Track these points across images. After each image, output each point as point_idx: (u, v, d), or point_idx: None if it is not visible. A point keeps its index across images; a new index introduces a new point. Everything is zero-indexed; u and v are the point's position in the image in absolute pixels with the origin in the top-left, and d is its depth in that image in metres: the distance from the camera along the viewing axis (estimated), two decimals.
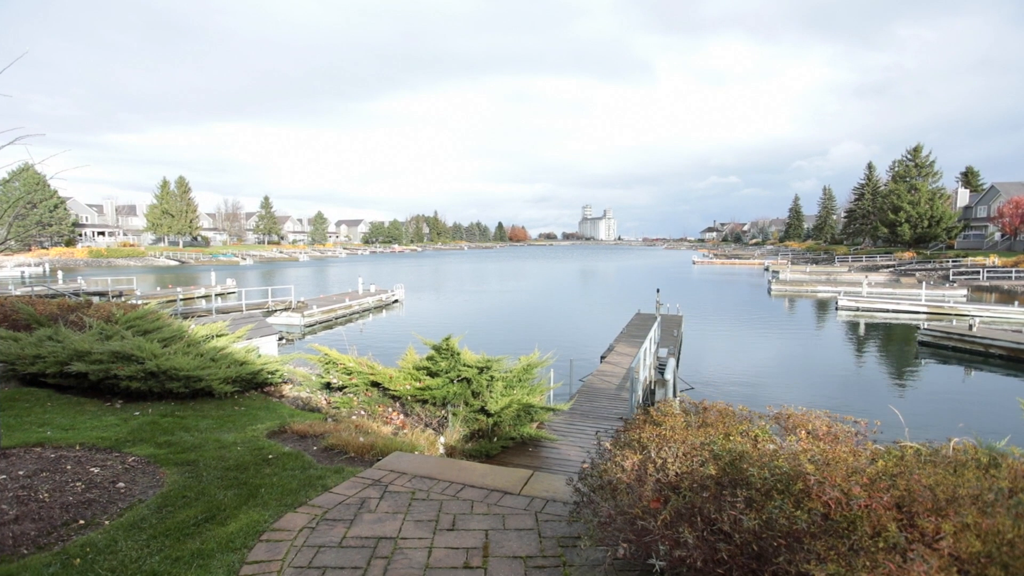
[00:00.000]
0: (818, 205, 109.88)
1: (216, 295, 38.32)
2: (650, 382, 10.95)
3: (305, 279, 55.95)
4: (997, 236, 64.31)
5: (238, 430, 5.54)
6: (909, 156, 70.23)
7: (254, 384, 7.53)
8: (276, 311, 26.48)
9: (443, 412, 6.49)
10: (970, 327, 20.41)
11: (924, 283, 37.02)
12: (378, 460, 4.59)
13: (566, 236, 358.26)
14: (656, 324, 15.37)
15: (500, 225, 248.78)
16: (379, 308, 32.83)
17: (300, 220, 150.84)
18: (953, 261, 53.87)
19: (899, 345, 23.14)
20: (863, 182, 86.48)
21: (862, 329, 26.65)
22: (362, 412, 7.03)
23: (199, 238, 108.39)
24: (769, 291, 43.06)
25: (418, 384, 6.46)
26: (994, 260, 49.90)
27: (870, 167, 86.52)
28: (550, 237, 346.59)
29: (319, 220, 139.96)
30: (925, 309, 29.66)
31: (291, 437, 5.39)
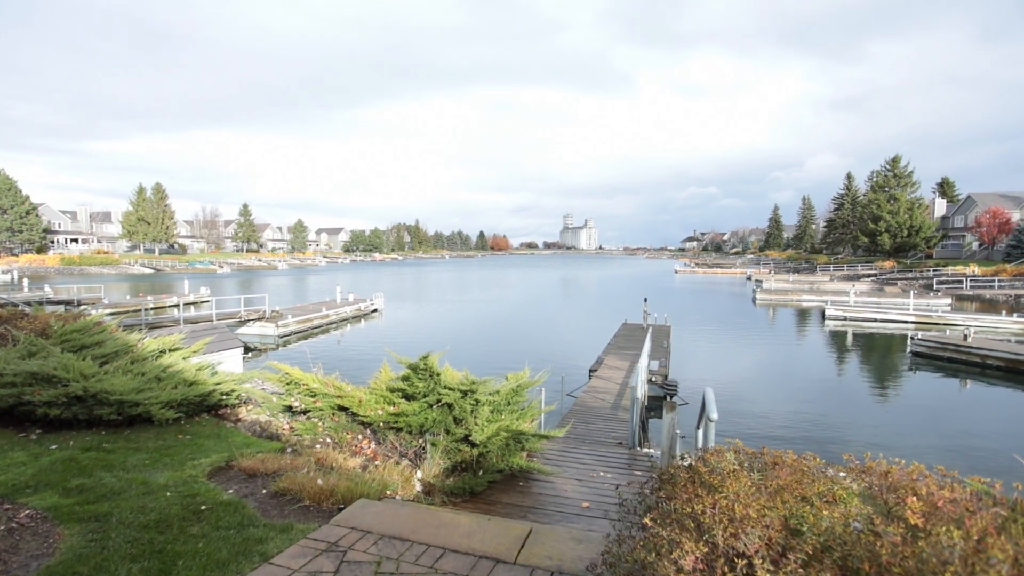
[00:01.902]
0: (797, 215, 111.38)
1: (188, 304, 36.85)
2: (645, 401, 10.22)
3: (283, 288, 54.43)
4: (975, 245, 65.53)
5: (175, 467, 4.63)
6: (888, 166, 71.41)
7: (206, 407, 6.59)
8: (249, 321, 25.25)
9: (420, 441, 5.63)
10: (965, 337, 20.13)
11: (912, 292, 37.14)
12: (339, 510, 3.73)
13: (547, 245, 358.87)
14: (648, 336, 14.68)
15: (481, 234, 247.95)
16: (357, 318, 31.71)
17: (280, 228, 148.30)
18: (934, 270, 54.54)
19: (891, 356, 22.83)
20: (843, 192, 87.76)
21: (853, 339, 26.37)
22: (328, 440, 6.13)
23: (176, 246, 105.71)
24: (754, 300, 42.90)
25: (391, 409, 5.59)
26: (974, 269, 50.62)
27: (849, 177, 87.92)
28: (531, 246, 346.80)
29: (299, 228, 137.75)
30: (913, 319, 29.57)
31: (237, 476, 4.49)
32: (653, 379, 13.51)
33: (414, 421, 5.34)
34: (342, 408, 5.86)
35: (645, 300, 24.25)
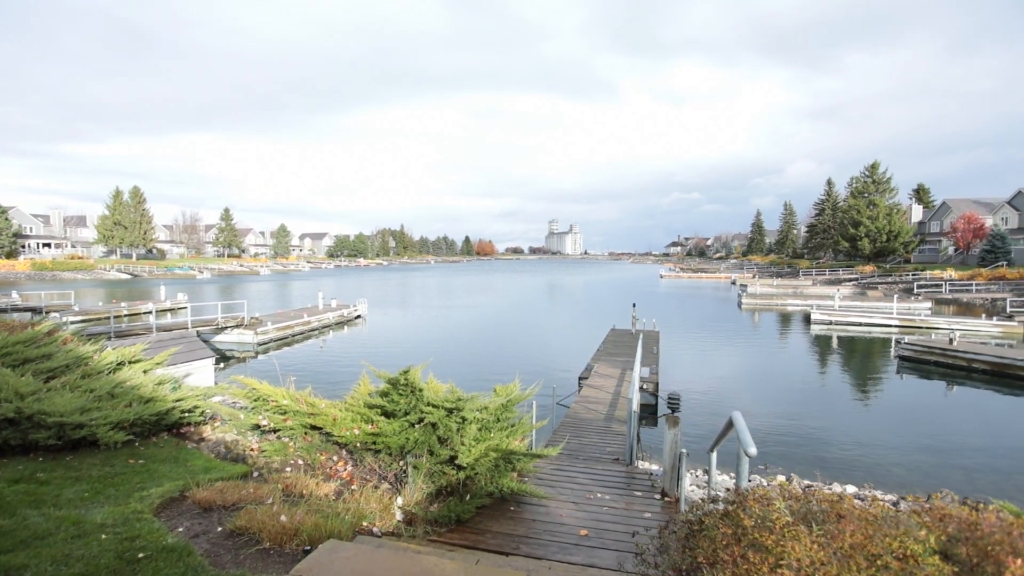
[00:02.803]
0: (779, 220, 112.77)
1: (164, 311, 35.71)
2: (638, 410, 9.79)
3: (265, 294, 53.26)
4: (951, 250, 66.77)
5: (119, 499, 4.06)
6: (867, 172, 72.56)
7: (165, 426, 5.99)
8: (226, 328, 24.38)
9: (401, 463, 5.12)
10: (951, 341, 20.15)
11: (896, 296, 37.48)
12: (305, 553, 3.21)
13: (533, 250, 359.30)
14: (639, 343, 14.31)
15: (467, 239, 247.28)
16: (340, 324, 30.93)
17: (262, 233, 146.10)
18: (914, 274, 55.35)
19: (878, 360, 22.80)
20: (823, 198, 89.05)
21: (839, 343, 26.36)
22: (300, 461, 5.58)
23: (154, 251, 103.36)
24: (740, 305, 42.99)
25: (369, 428, 5.07)
26: (951, 273, 51.41)
27: (830, 183, 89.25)
28: (517, 251, 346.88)
29: (282, 233, 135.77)
30: (897, 322, 29.75)
31: (190, 511, 3.94)
32: (644, 387, 13.14)
33: (393, 442, 4.83)
34: (315, 427, 5.32)
35: (634, 306, 23.94)
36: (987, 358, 18.77)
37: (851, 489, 7.67)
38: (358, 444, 5.20)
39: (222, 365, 17.82)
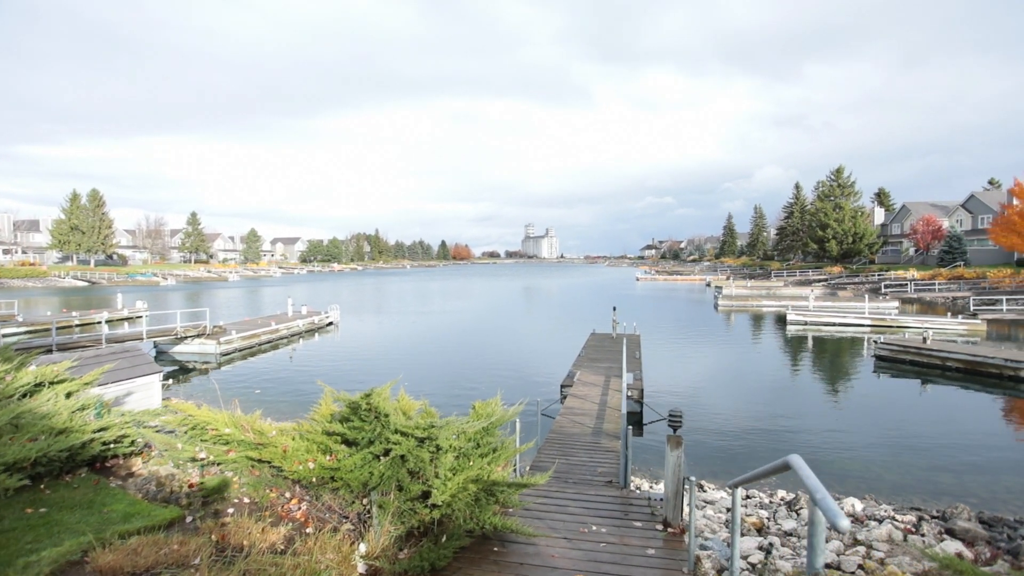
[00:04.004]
0: (750, 223, 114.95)
1: (121, 320, 33.84)
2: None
3: (233, 301, 51.31)
4: (911, 251, 68.87)
5: None
6: (832, 177, 74.39)
7: (83, 461, 5.09)
8: (186, 338, 23.01)
9: (365, 501, 4.37)
10: (924, 340, 20.28)
11: (866, 296, 38.10)
12: None
13: (509, 254, 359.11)
14: (624, 349, 13.76)
15: (443, 243, 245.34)
16: (311, 332, 29.71)
17: (232, 238, 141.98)
18: (879, 275, 56.70)
19: (855, 359, 22.86)
20: (792, 201, 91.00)
21: (816, 344, 26.45)
22: (246, 500, 4.77)
23: (115, 256, 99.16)
24: (716, 306, 43.21)
25: (327, 460, 4.31)
26: (914, 273, 52.84)
27: (798, 187, 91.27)
28: (493, 255, 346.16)
29: (252, 238, 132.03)
30: (869, 322, 30.11)
31: None
32: (629, 394, 12.59)
33: (354, 478, 4.07)
34: (262, 460, 4.52)
35: (614, 309, 23.50)
36: (960, 356, 18.91)
37: (857, 504, 7.21)
38: (313, 479, 4.42)
39: (170, 381, 16.55)
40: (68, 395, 6.12)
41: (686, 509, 5.03)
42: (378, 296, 58.21)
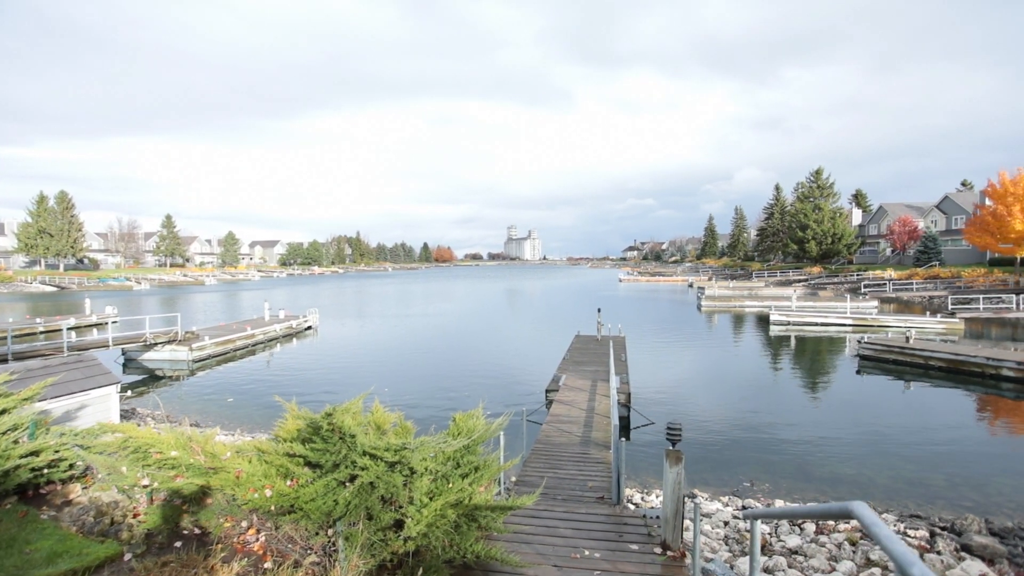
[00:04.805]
0: (731, 224, 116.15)
1: (89, 326, 32.49)
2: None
3: (210, 305, 49.93)
4: (888, 251, 70.13)
5: None
6: (812, 178, 75.45)
7: (12, 490, 4.50)
8: (157, 345, 22.07)
9: (331, 532, 3.87)
10: (908, 339, 20.35)
11: (848, 296, 38.48)
12: None
13: (492, 256, 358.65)
14: (611, 352, 13.40)
15: (425, 246, 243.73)
16: (289, 337, 28.85)
17: (209, 241, 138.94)
18: (858, 275, 57.55)
19: (840, 359, 22.87)
20: (772, 202, 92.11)
21: (800, 344, 26.49)
22: (196, 531, 4.24)
23: (86, 260, 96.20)
24: (699, 307, 43.30)
25: (287, 486, 3.81)
26: (891, 273, 53.71)
27: (778, 188, 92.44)
28: (476, 257, 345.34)
29: (230, 241, 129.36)
30: (851, 321, 30.33)
31: None
32: (617, 399, 12.22)
33: (315, 508, 3.58)
34: (214, 488, 4.00)
35: (599, 311, 23.17)
36: (944, 356, 18.99)
37: None
38: (272, 508, 3.91)
39: (128, 392, 15.70)
40: (2, 412, 5.49)
41: (687, 527, 4.63)
42: (359, 299, 57.24)
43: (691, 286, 68.75)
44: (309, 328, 31.40)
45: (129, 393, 15.33)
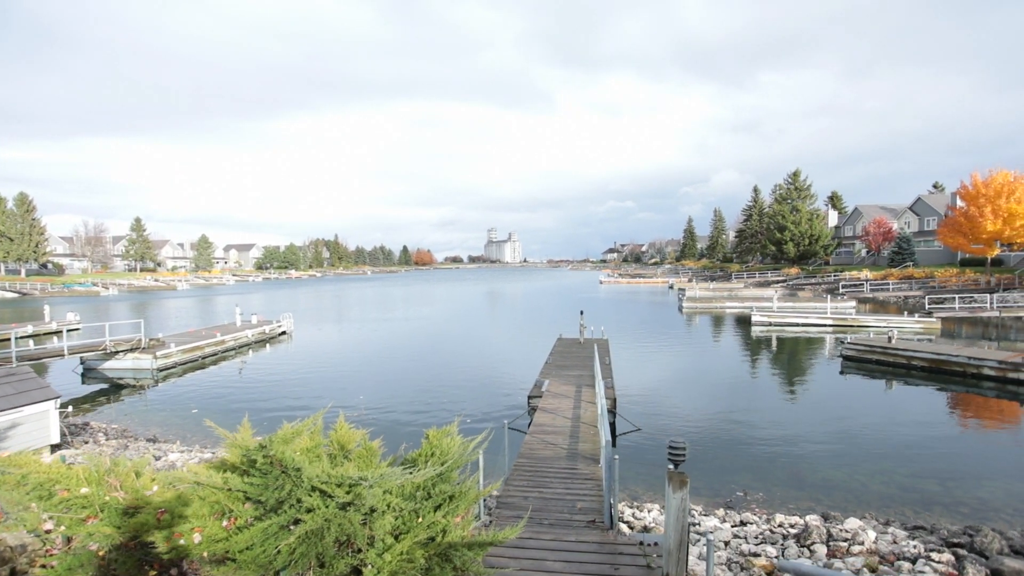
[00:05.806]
0: (710, 226, 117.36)
1: (49, 334, 30.86)
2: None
3: (181, 311, 48.21)
4: (863, 252, 71.45)
5: None
6: (789, 180, 76.51)
7: None
8: (118, 353, 20.91)
9: None
10: (890, 340, 20.33)
11: (827, 296, 38.79)
12: None
13: (472, 259, 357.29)
14: (595, 356, 12.89)
15: (405, 249, 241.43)
16: (262, 342, 27.78)
17: (181, 245, 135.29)
18: (835, 275, 58.34)
19: (822, 360, 22.79)
20: (751, 204, 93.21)
21: (782, 344, 26.42)
22: None
23: (49, 266, 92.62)
24: (680, 308, 43.26)
25: (223, 528, 3.17)
26: (867, 274, 54.57)
27: (756, 190, 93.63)
28: (456, 260, 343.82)
29: (203, 244, 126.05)
30: (831, 322, 30.45)
31: None
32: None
33: (250, 558, 2.94)
34: (134, 536, 3.32)
35: (581, 313, 22.72)
36: (926, 355, 18.98)
37: (868, 532, 6.44)
38: (204, 555, 3.26)
39: (70, 409, 14.60)
40: None
41: (691, 555, 4.09)
42: (337, 303, 55.97)
43: (671, 287, 69.00)
44: (284, 333, 30.33)
45: (70, 409, 14.22)
